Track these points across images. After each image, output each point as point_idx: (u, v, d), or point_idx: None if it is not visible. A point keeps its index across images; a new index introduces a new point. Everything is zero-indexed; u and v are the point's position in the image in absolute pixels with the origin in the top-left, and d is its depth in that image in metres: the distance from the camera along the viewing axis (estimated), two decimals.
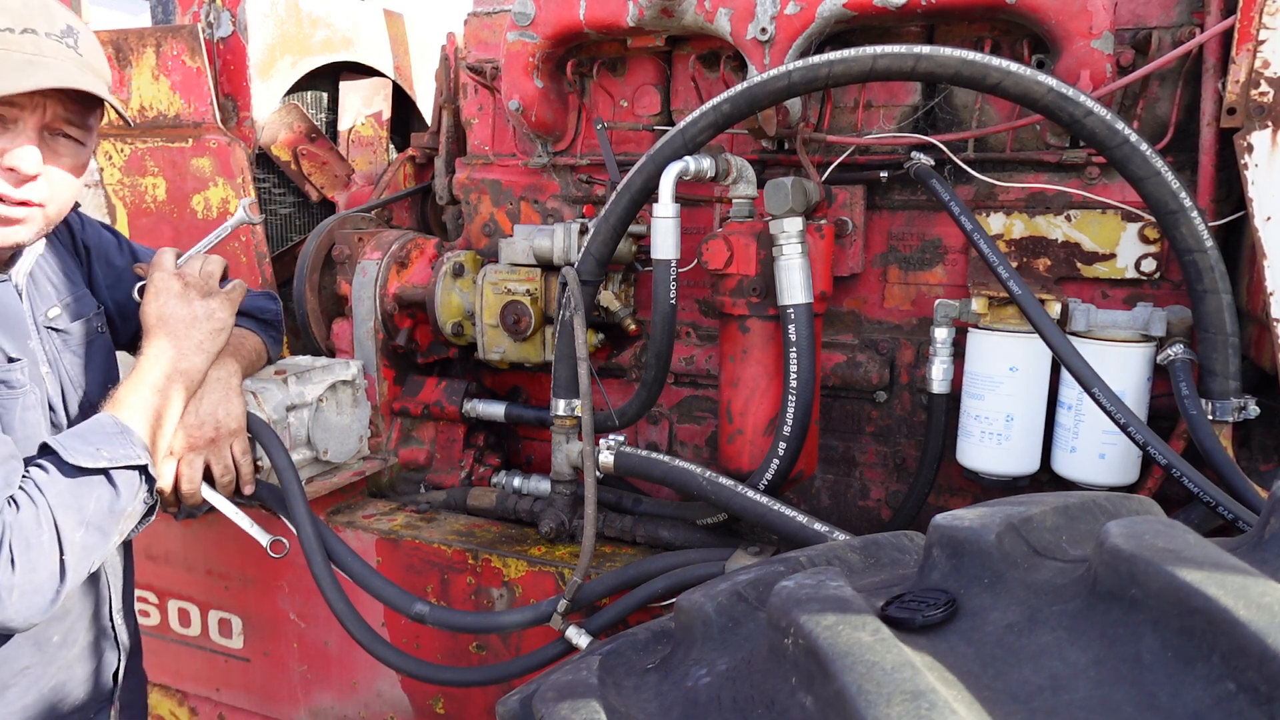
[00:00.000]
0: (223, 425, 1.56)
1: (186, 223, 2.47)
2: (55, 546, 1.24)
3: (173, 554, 2.39)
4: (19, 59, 1.23)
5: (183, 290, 1.54)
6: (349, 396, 2.03)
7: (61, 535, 1.25)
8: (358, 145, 2.97)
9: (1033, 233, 1.88)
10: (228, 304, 1.59)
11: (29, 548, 1.21)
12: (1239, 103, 1.52)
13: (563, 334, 1.82)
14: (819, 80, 1.61)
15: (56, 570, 1.24)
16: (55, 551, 1.24)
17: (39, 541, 1.22)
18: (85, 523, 1.28)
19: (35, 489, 1.24)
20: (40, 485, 1.25)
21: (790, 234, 1.72)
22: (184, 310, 1.52)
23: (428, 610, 1.69)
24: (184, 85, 2.37)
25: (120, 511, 1.34)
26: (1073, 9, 1.69)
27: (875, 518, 2.17)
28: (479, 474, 2.37)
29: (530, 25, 2.08)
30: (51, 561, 1.24)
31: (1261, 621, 0.64)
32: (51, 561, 1.24)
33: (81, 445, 1.30)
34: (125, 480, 1.34)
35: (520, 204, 2.38)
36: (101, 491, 1.31)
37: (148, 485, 1.39)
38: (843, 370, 2.08)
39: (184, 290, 1.54)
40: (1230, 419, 1.58)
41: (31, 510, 1.22)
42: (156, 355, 1.47)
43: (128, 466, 1.34)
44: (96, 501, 1.30)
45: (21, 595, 1.20)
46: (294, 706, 2.33)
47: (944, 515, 0.94)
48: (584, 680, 1.01)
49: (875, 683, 0.71)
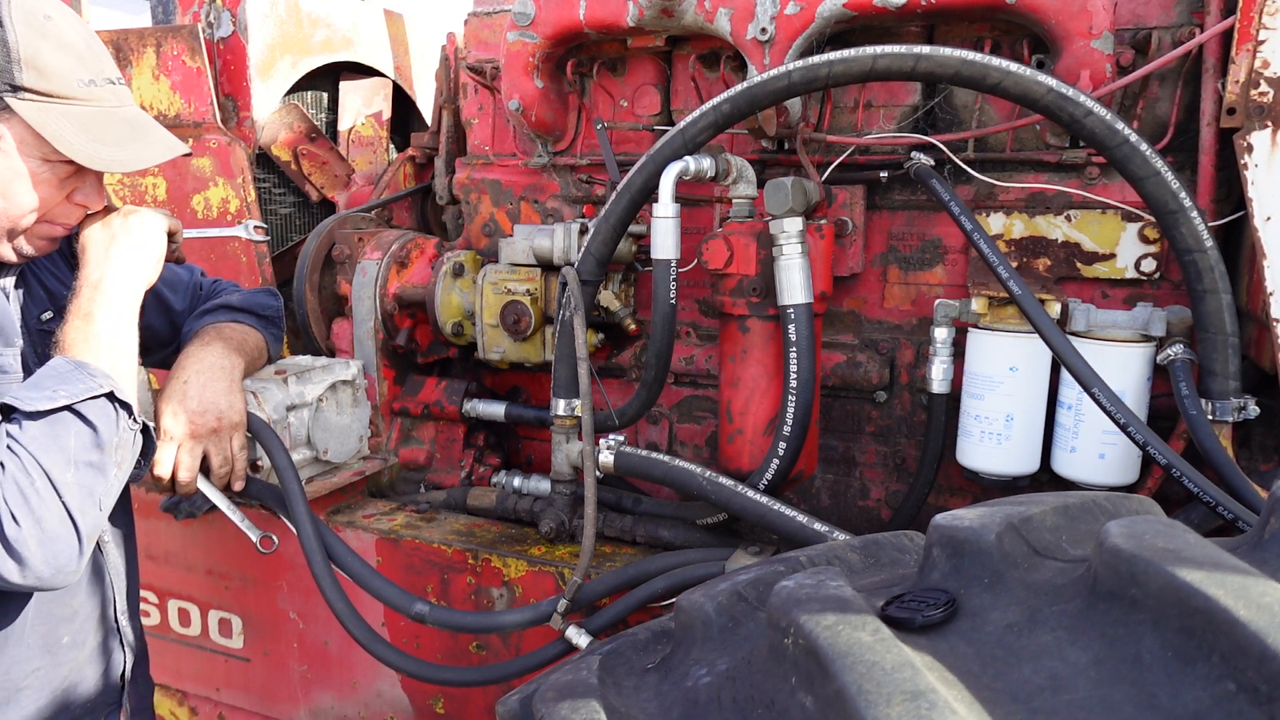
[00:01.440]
0: (225, 417, 1.56)
1: (187, 223, 2.46)
2: (51, 491, 1.21)
3: (173, 554, 2.39)
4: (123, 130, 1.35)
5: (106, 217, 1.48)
6: (349, 396, 2.03)
7: (53, 478, 1.22)
8: (358, 145, 2.97)
9: (1033, 233, 1.88)
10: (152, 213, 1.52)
11: (25, 499, 1.18)
12: (1239, 103, 1.52)
13: (563, 334, 1.82)
14: (819, 80, 1.61)
15: (64, 515, 1.22)
16: (54, 496, 1.21)
17: (33, 489, 1.19)
18: (72, 461, 1.25)
19: (11, 442, 1.22)
20: (14, 437, 1.22)
21: (790, 234, 1.72)
22: (101, 232, 1.46)
23: (428, 610, 1.69)
24: (184, 85, 2.37)
25: (106, 442, 1.30)
26: (1073, 9, 1.69)
27: (875, 518, 2.17)
28: (479, 474, 2.37)
29: (530, 25, 2.08)
30: (55, 507, 1.21)
31: (1261, 621, 0.64)
32: (55, 507, 1.21)
33: (36, 392, 1.26)
34: (97, 411, 1.29)
35: (520, 204, 2.38)
36: (77, 428, 1.27)
37: (126, 411, 1.34)
38: (843, 370, 2.08)
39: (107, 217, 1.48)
40: (1230, 419, 1.58)
41: (15, 462, 1.20)
42: (78, 285, 1.42)
43: (91, 398, 1.29)
44: (76, 438, 1.26)
45: (40, 545, 1.18)
46: (294, 706, 2.33)
47: (944, 515, 0.94)
48: (584, 680, 1.01)
49: (875, 683, 0.71)
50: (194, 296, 1.80)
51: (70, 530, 1.23)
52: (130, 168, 1.38)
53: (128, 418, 1.35)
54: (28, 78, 1.25)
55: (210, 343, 1.65)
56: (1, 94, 1.24)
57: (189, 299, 1.79)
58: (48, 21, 1.28)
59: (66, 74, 1.29)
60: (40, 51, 1.26)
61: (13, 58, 1.24)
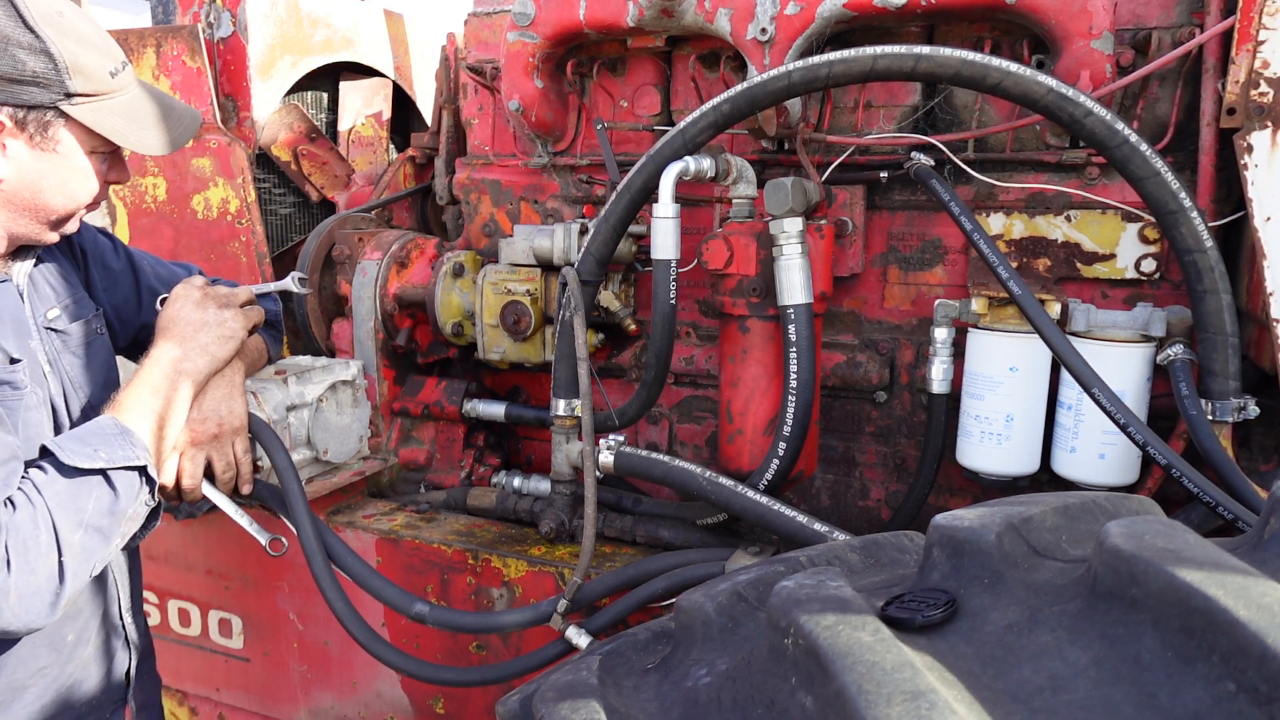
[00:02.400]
0: (226, 422, 1.56)
1: (186, 223, 2.47)
2: (53, 548, 1.23)
3: (173, 554, 2.39)
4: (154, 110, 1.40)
5: (200, 299, 1.55)
6: (349, 396, 2.03)
7: (60, 536, 1.24)
8: (358, 145, 2.97)
9: (1033, 233, 1.88)
10: (242, 317, 1.59)
11: (26, 549, 1.20)
12: (1239, 103, 1.52)
13: (563, 334, 1.82)
14: (819, 80, 1.61)
15: (55, 572, 1.23)
16: (53, 553, 1.23)
17: (36, 543, 1.21)
18: (84, 524, 1.27)
19: (33, 489, 1.24)
20: (38, 486, 1.24)
21: (790, 234, 1.72)
22: (196, 315, 1.53)
23: (428, 610, 1.69)
24: (184, 85, 2.37)
25: (120, 513, 1.33)
26: (1073, 9, 1.69)
27: (875, 518, 2.17)
28: (479, 474, 2.37)
29: (530, 25, 2.08)
30: (50, 563, 1.23)
31: (1261, 621, 0.64)
32: (50, 563, 1.23)
33: (80, 446, 1.30)
34: (125, 481, 1.33)
35: (520, 204, 2.38)
36: (100, 493, 1.30)
37: (149, 487, 1.38)
38: (843, 370, 2.08)
39: (201, 299, 1.56)
40: (1230, 419, 1.58)
41: (29, 511, 1.22)
42: (159, 356, 1.48)
43: (126, 467, 1.33)
44: (95, 502, 1.29)
45: (20, 598, 1.19)
46: (294, 706, 2.33)
47: (944, 515, 0.94)
48: (584, 680, 1.01)
49: (875, 683, 0.71)
50: None
51: (54, 589, 1.24)
52: (175, 147, 1.44)
53: (149, 494, 1.38)
54: (76, 83, 1.29)
55: None
56: (57, 104, 1.29)
57: None
58: (63, 19, 1.30)
59: (99, 70, 1.33)
60: (77, 55, 1.29)
61: (60, 67, 1.28)
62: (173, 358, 1.48)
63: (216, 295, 1.58)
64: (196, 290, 1.57)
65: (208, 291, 1.58)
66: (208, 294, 1.57)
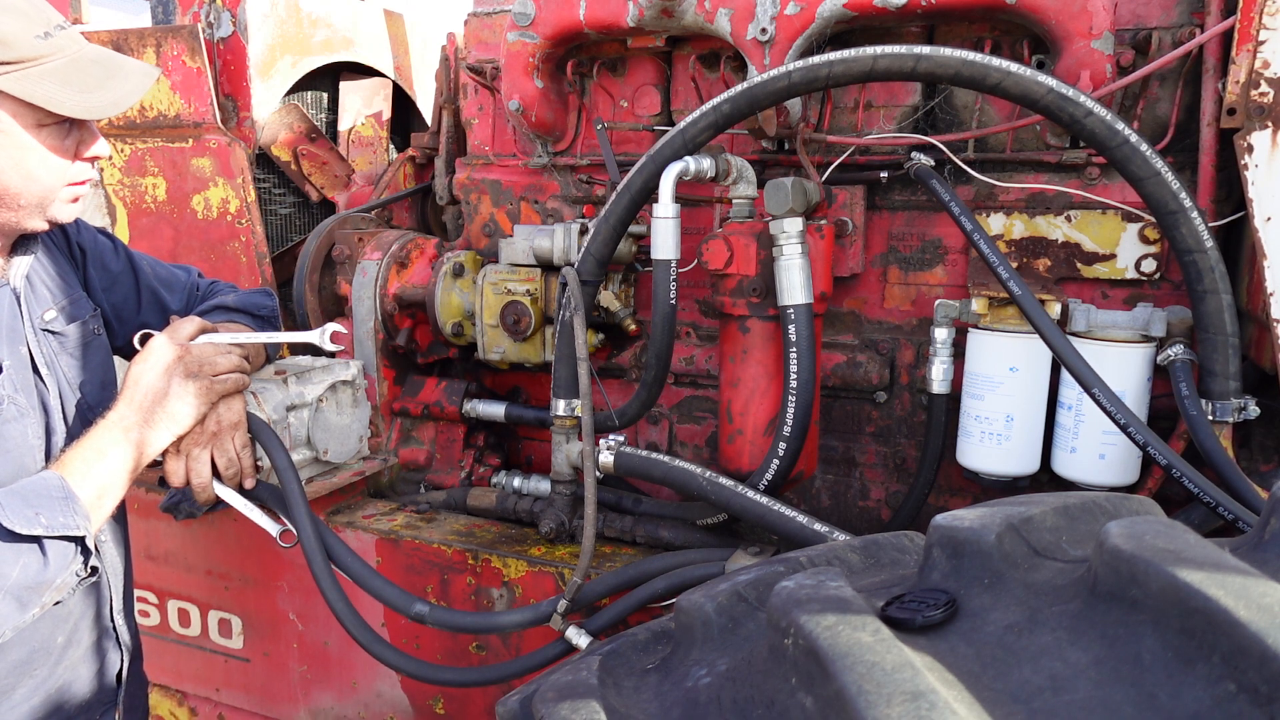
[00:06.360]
0: (223, 419, 1.56)
1: (186, 223, 2.47)
2: None
3: (173, 554, 2.39)
4: (97, 71, 1.31)
5: (170, 363, 1.47)
6: (349, 396, 2.03)
7: None
8: (358, 145, 2.97)
9: (1033, 233, 1.88)
10: (205, 392, 1.49)
11: None
12: (1239, 103, 1.52)
13: (563, 334, 1.82)
14: (819, 80, 1.61)
15: None
16: None
17: None
18: (3, 590, 1.20)
19: None
20: None
21: (790, 234, 1.72)
22: (158, 382, 1.45)
23: (428, 610, 1.69)
24: (184, 85, 2.37)
25: (46, 583, 1.26)
26: (1073, 9, 1.69)
27: (875, 518, 2.17)
28: (479, 474, 2.37)
29: (530, 25, 2.08)
30: None
31: (1261, 622, 0.64)
32: None
33: (22, 507, 1.23)
34: (58, 551, 1.26)
35: (520, 204, 2.38)
36: (29, 559, 1.23)
37: (84, 558, 1.31)
38: (843, 370, 2.08)
39: (171, 364, 1.47)
40: (1230, 419, 1.57)
41: None
42: (113, 419, 1.41)
43: (64, 537, 1.27)
44: (21, 570, 1.22)
45: None
46: (294, 706, 2.32)
47: (944, 515, 0.94)
48: (584, 680, 1.01)
49: (875, 683, 0.71)
50: (190, 297, 1.80)
51: None
52: (121, 107, 1.34)
53: (81, 564, 1.32)
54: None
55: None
56: None
57: (185, 300, 1.79)
58: None
59: (22, 35, 1.25)
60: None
61: None
62: (125, 424, 1.41)
63: (188, 362, 1.49)
64: (171, 351, 1.48)
65: (182, 355, 1.49)
66: (181, 359, 1.48)
